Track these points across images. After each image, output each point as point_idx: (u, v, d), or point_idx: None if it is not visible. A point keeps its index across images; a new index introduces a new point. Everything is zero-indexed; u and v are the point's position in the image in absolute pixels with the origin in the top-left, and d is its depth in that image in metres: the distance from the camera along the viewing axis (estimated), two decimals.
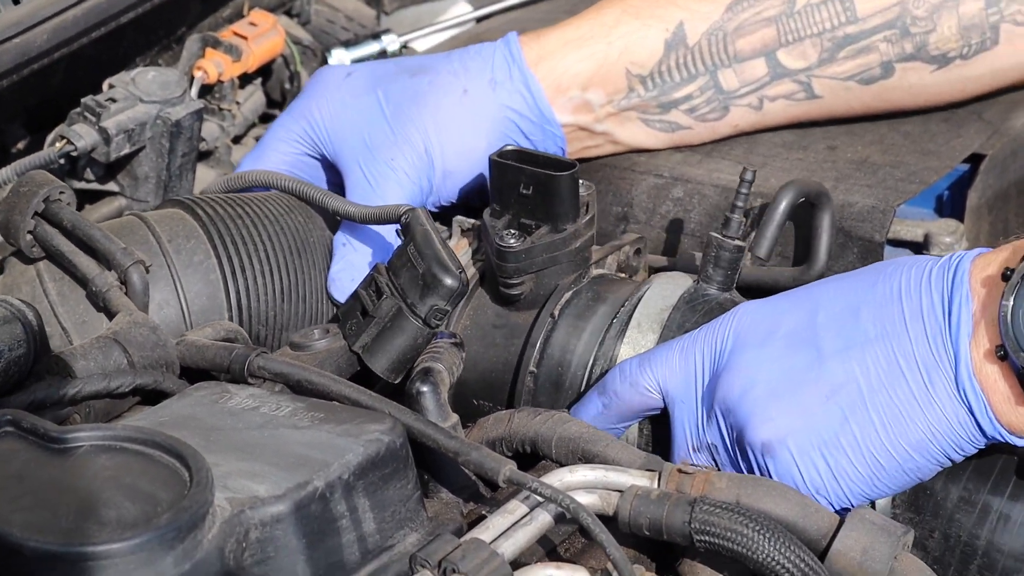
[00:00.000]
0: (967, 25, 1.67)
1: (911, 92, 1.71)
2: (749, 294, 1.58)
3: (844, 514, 1.27)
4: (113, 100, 1.66)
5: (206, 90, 1.83)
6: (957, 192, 1.73)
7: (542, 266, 1.51)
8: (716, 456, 1.37)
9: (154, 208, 1.65)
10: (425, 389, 1.36)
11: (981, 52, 1.68)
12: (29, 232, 1.50)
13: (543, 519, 1.25)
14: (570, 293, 1.52)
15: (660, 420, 1.44)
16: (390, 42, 2.00)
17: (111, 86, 1.70)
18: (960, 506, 1.35)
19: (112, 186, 1.71)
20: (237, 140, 1.89)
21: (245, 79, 1.89)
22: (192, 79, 1.80)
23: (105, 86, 1.71)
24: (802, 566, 1.22)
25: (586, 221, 1.53)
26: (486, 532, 1.22)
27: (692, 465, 1.31)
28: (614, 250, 1.60)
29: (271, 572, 1.16)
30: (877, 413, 1.30)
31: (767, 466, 1.32)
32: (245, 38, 1.85)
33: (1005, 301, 1.26)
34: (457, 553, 1.18)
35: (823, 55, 1.68)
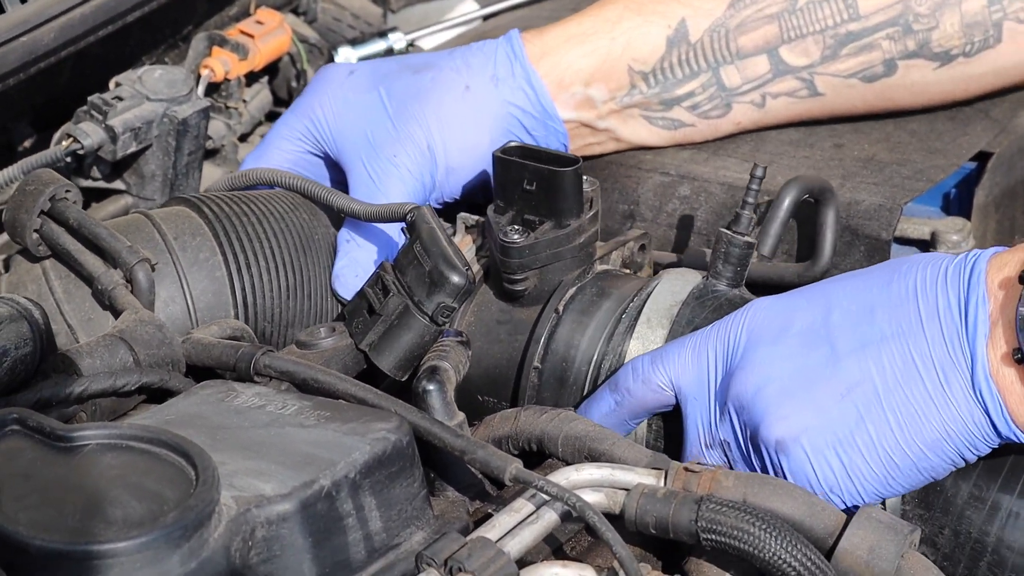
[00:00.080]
0: (970, 23, 1.67)
1: (913, 90, 1.71)
2: (754, 290, 1.58)
3: (851, 512, 1.27)
4: (120, 98, 1.67)
5: (213, 88, 1.83)
6: (964, 190, 1.73)
7: (546, 262, 1.51)
8: (729, 453, 1.37)
9: (159, 206, 1.65)
10: (431, 388, 1.36)
11: (984, 50, 1.68)
12: (35, 231, 1.50)
13: (549, 517, 1.25)
14: (574, 289, 1.52)
15: (670, 416, 1.44)
16: (396, 40, 2.00)
17: (118, 84, 1.70)
18: (970, 503, 1.35)
19: (119, 184, 1.71)
20: (244, 138, 1.89)
21: (252, 77, 1.89)
22: (199, 77, 1.80)
23: (112, 84, 1.71)
24: (809, 565, 1.22)
25: (590, 217, 1.53)
26: (492, 531, 1.22)
27: (699, 464, 1.30)
28: (618, 246, 1.60)
29: (277, 570, 1.16)
30: (892, 412, 1.30)
31: (781, 464, 1.32)
32: (252, 36, 1.85)
33: (1023, 306, 1.25)
34: (463, 552, 1.18)
35: (826, 52, 1.68)
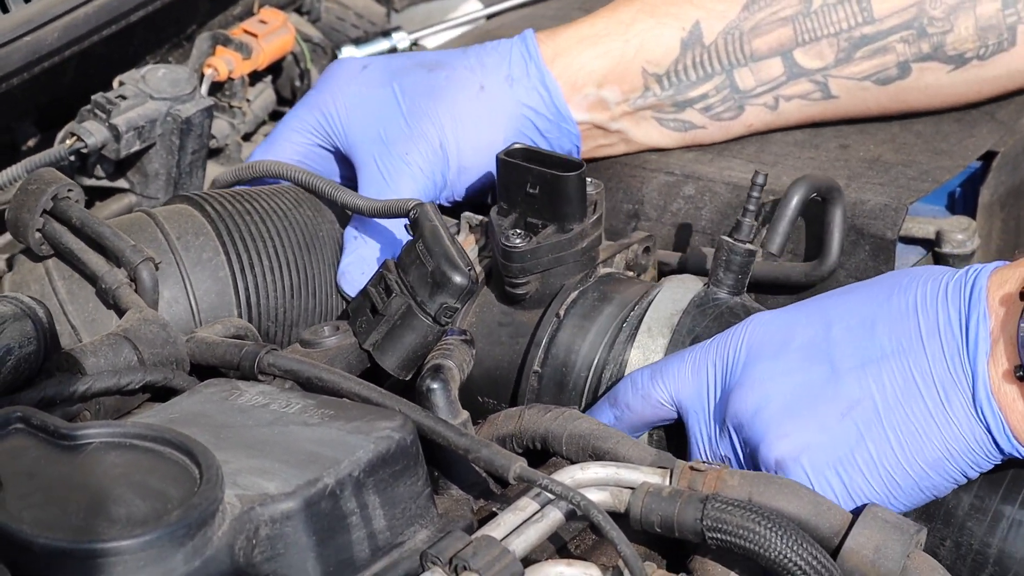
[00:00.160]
0: (984, 26, 1.66)
1: (927, 93, 1.70)
2: (760, 289, 1.57)
3: (857, 512, 1.27)
4: (123, 97, 1.66)
5: (216, 88, 1.83)
6: (969, 189, 1.73)
7: (548, 266, 1.51)
8: None
9: (162, 204, 1.65)
10: (435, 386, 1.36)
11: (998, 53, 1.68)
12: (38, 230, 1.49)
13: (554, 516, 1.24)
14: (576, 293, 1.51)
15: (671, 428, 1.44)
16: (400, 39, 2.00)
17: (121, 83, 1.70)
18: (971, 514, 1.34)
19: (122, 183, 1.71)
20: (247, 137, 1.88)
21: (255, 77, 1.89)
22: (202, 77, 1.80)
23: (115, 83, 1.71)
24: (814, 563, 1.21)
25: (593, 221, 1.52)
26: (497, 529, 1.22)
27: (704, 463, 1.30)
28: (622, 248, 1.60)
29: (281, 569, 1.16)
30: (893, 431, 1.29)
31: None
32: (255, 36, 1.85)
33: None
34: (468, 550, 1.17)
35: (840, 55, 1.67)
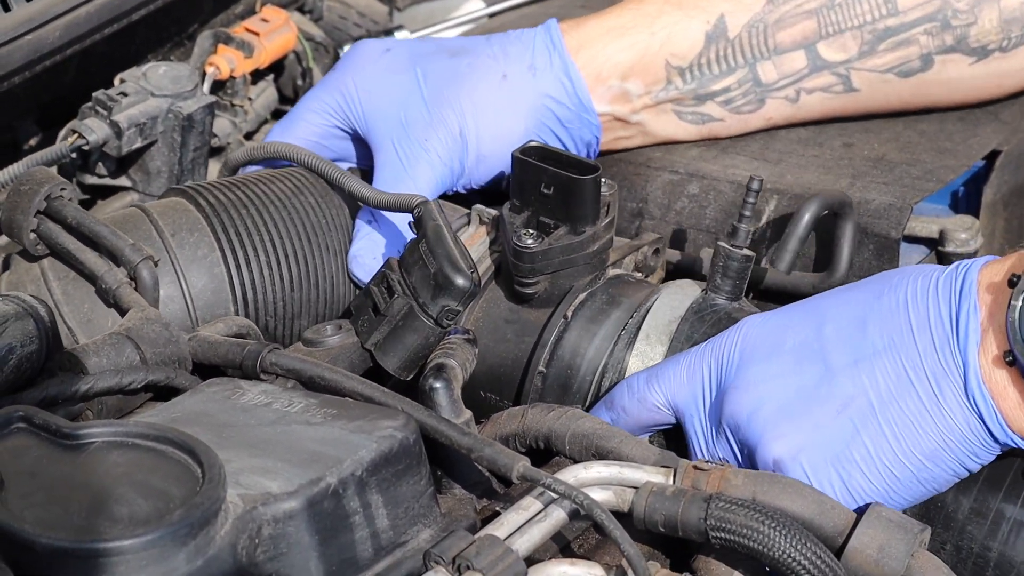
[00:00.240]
0: (1008, 18, 1.66)
1: (948, 86, 1.70)
2: (769, 299, 1.57)
3: (861, 511, 1.27)
4: (124, 94, 1.66)
5: (218, 86, 1.83)
6: (972, 188, 1.73)
7: (558, 267, 1.50)
8: None
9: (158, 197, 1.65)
10: (438, 385, 1.36)
11: (1021, 45, 1.68)
12: (32, 230, 1.49)
13: (557, 515, 1.24)
14: (584, 295, 1.51)
15: (670, 432, 1.44)
16: (402, 38, 2.00)
17: (122, 81, 1.70)
18: (971, 518, 1.34)
19: (124, 181, 1.71)
20: (249, 136, 1.88)
21: (257, 75, 1.89)
22: (204, 75, 1.80)
23: (116, 81, 1.70)
24: (818, 563, 1.21)
25: (606, 224, 1.51)
26: (500, 528, 1.22)
27: (707, 462, 1.30)
28: (632, 250, 1.59)
29: (284, 568, 1.16)
30: (888, 425, 1.30)
31: None
32: (257, 34, 1.85)
33: (1013, 303, 1.25)
34: (471, 550, 1.17)
35: (863, 47, 1.67)
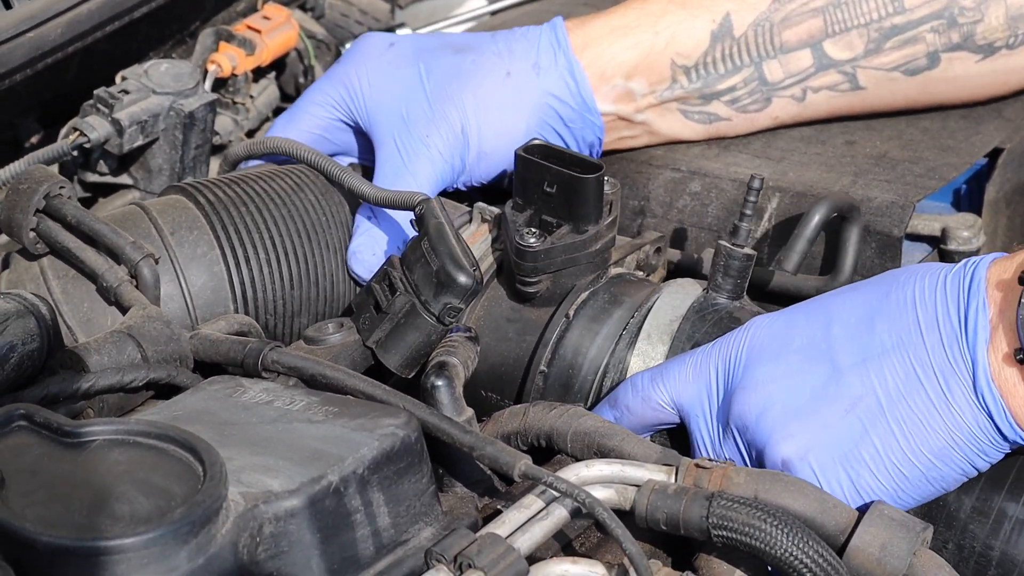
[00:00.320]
0: (1015, 15, 1.66)
1: (955, 83, 1.69)
2: (772, 300, 1.57)
3: (864, 510, 1.26)
4: (126, 92, 1.66)
5: (220, 84, 1.83)
6: (975, 186, 1.72)
7: (561, 266, 1.50)
8: None
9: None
10: (440, 383, 1.36)
11: None
12: (32, 229, 1.49)
13: (559, 514, 1.24)
14: (586, 294, 1.51)
15: (674, 432, 1.44)
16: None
17: (124, 78, 1.69)
18: (974, 517, 1.34)
19: (125, 179, 1.71)
20: (251, 134, 1.88)
21: (259, 73, 1.89)
22: (205, 73, 1.80)
23: (118, 78, 1.70)
24: (820, 561, 1.21)
25: (608, 223, 1.51)
26: (502, 527, 1.22)
27: (710, 460, 1.30)
28: (634, 249, 1.59)
29: (285, 567, 1.16)
30: (897, 424, 1.29)
31: None
32: (259, 32, 1.85)
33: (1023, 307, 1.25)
34: (473, 548, 1.17)
35: (870, 46, 1.66)
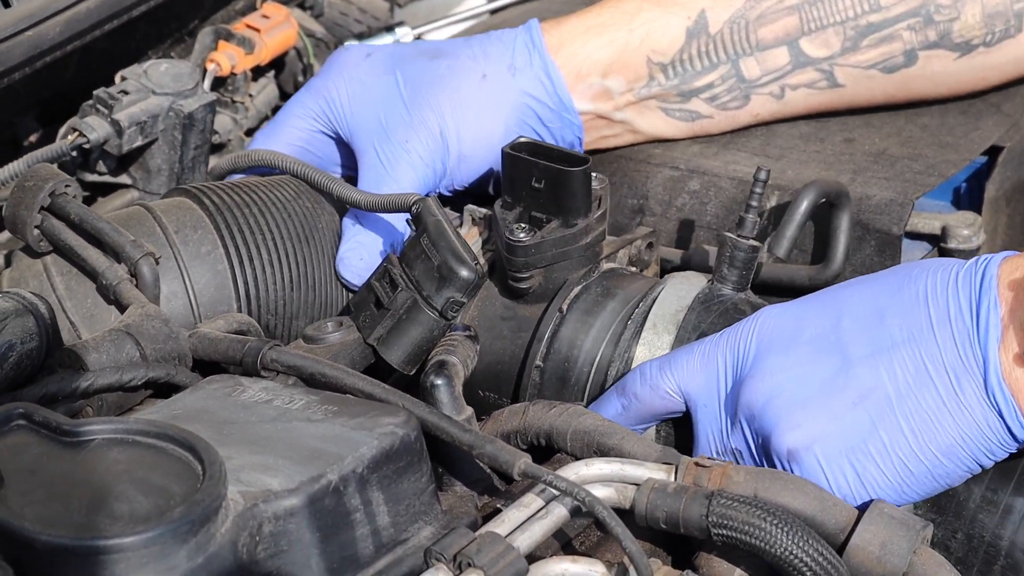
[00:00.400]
0: (991, 13, 1.66)
1: (933, 81, 1.70)
2: (764, 291, 1.57)
3: (864, 508, 1.26)
4: (125, 92, 1.66)
5: (219, 83, 1.83)
6: (975, 184, 1.72)
7: (552, 261, 1.50)
8: (741, 461, 1.36)
9: (160, 197, 1.65)
10: (439, 382, 1.36)
11: (1004, 40, 1.67)
12: (36, 227, 1.49)
13: (559, 513, 1.24)
14: (579, 288, 1.51)
15: (678, 422, 1.44)
16: (404, 35, 2.00)
17: (123, 78, 1.69)
18: (983, 506, 1.34)
19: (124, 179, 1.71)
20: (250, 133, 1.88)
21: (258, 72, 1.89)
22: (205, 72, 1.80)
23: (117, 78, 1.70)
24: (820, 560, 1.21)
25: (598, 216, 1.52)
26: (501, 526, 1.22)
27: (709, 459, 1.30)
28: (626, 244, 1.59)
29: (284, 566, 1.16)
30: (905, 419, 1.29)
31: (793, 473, 1.31)
32: (258, 31, 1.85)
33: None
34: (472, 547, 1.17)
35: (846, 43, 1.67)
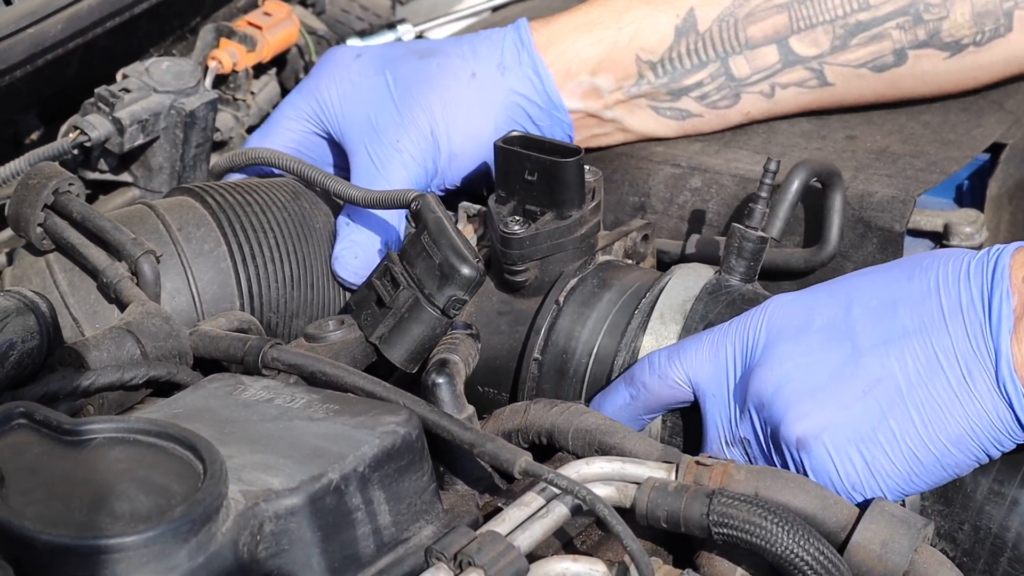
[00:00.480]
0: (981, 12, 1.66)
1: (924, 80, 1.70)
2: (761, 276, 1.57)
3: (864, 506, 1.26)
4: (127, 90, 1.66)
5: (220, 80, 1.83)
6: (977, 181, 1.72)
7: (547, 253, 1.51)
8: (749, 451, 1.36)
9: (163, 196, 1.65)
10: (441, 381, 1.36)
11: (994, 39, 1.67)
12: (39, 225, 1.49)
13: (560, 511, 1.24)
14: (575, 280, 1.51)
15: (685, 412, 1.43)
16: (405, 32, 2.00)
17: (125, 76, 1.69)
18: (990, 498, 1.34)
19: (126, 177, 1.71)
20: (251, 130, 1.88)
21: (260, 69, 1.89)
22: (206, 69, 1.80)
23: (119, 76, 1.70)
24: (821, 559, 1.21)
25: (592, 208, 1.52)
26: (502, 524, 1.22)
27: (710, 457, 1.30)
28: (621, 236, 1.60)
29: (285, 565, 1.16)
30: (916, 408, 1.29)
31: (802, 462, 1.31)
32: (260, 28, 1.85)
33: None
34: (473, 546, 1.17)
35: (835, 42, 1.67)
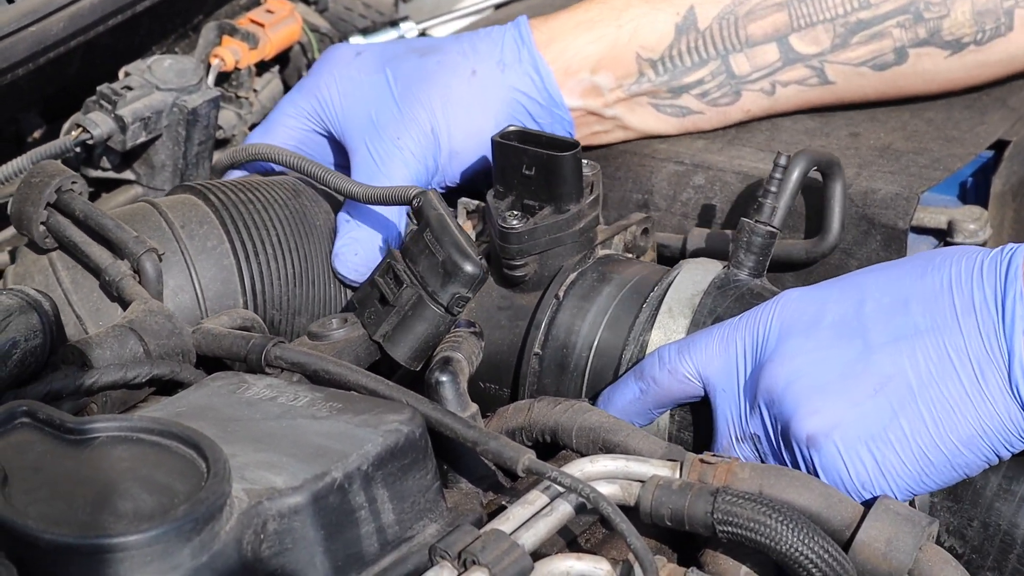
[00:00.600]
0: (981, 10, 1.66)
1: (924, 78, 1.70)
2: None
3: (869, 505, 1.26)
4: (129, 88, 1.66)
5: (223, 78, 1.83)
6: (981, 179, 1.72)
7: (546, 247, 1.51)
8: (759, 447, 1.36)
9: (165, 194, 1.65)
10: (444, 379, 1.36)
11: (995, 38, 1.67)
12: (42, 223, 1.49)
13: (564, 509, 1.24)
14: (575, 274, 1.51)
15: (694, 406, 1.43)
16: (408, 29, 2.00)
17: (127, 74, 1.69)
18: (1000, 495, 1.34)
19: (128, 175, 1.71)
20: (254, 128, 1.88)
21: (262, 67, 1.89)
22: (209, 67, 1.80)
23: (121, 74, 1.70)
24: (826, 557, 1.21)
25: (590, 201, 1.52)
26: (506, 523, 1.21)
27: (714, 455, 1.29)
28: (620, 230, 1.60)
29: (289, 564, 1.16)
30: (927, 408, 1.29)
31: (812, 459, 1.31)
32: (262, 25, 1.85)
33: None
34: (477, 544, 1.17)
35: (836, 40, 1.67)
